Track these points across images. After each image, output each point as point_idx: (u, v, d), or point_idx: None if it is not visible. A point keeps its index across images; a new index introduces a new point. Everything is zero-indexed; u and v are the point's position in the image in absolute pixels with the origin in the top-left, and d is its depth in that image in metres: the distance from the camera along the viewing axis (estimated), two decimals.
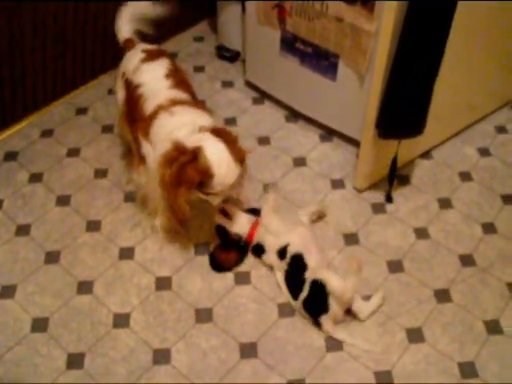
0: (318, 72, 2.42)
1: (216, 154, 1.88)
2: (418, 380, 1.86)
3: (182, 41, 3.19)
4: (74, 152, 2.59)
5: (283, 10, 2.35)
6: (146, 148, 2.04)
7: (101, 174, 2.50)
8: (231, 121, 2.71)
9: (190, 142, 1.89)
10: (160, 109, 2.02)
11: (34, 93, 2.69)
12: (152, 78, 2.15)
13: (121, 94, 2.29)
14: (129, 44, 2.36)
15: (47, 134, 2.68)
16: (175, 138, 1.91)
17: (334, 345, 1.94)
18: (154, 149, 2.00)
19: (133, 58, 2.25)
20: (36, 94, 2.70)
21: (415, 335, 1.97)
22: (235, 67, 3.02)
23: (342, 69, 2.31)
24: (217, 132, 1.94)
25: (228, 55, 3.03)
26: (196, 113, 2.05)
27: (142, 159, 2.09)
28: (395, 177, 2.31)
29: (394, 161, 2.24)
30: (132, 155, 2.26)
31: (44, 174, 2.50)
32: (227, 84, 2.93)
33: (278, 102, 2.77)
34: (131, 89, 2.18)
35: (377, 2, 2.00)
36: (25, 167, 2.53)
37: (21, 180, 2.48)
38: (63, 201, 2.39)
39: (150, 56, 2.24)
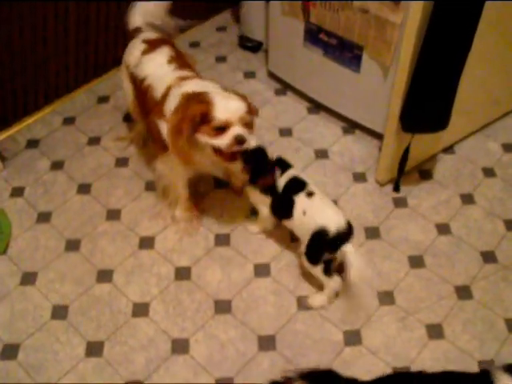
0: (341, 64, 2.39)
1: (216, 91, 1.93)
2: None
3: (205, 31, 3.18)
4: (94, 140, 2.60)
5: (308, 0, 2.32)
6: (165, 129, 2.00)
7: (122, 162, 2.51)
8: None
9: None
10: (170, 87, 2.01)
11: (56, 80, 2.70)
12: (155, 67, 2.13)
13: (126, 83, 2.29)
14: (136, 33, 2.32)
15: (69, 121, 2.69)
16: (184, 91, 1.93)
17: (352, 339, 1.94)
18: None
19: (134, 50, 2.23)
20: (58, 81, 2.71)
21: (435, 331, 1.95)
22: (258, 58, 3.00)
23: (366, 61, 2.29)
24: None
25: (251, 45, 3.01)
26: (206, 82, 2.05)
27: (165, 147, 2.07)
28: (405, 168, 2.28)
29: (406, 151, 2.22)
30: (152, 144, 2.25)
31: (65, 161, 2.51)
32: (249, 74, 2.92)
33: (300, 94, 2.75)
34: (138, 83, 2.17)
35: None
36: (46, 155, 2.54)
37: (42, 168, 2.49)
38: (84, 189, 2.40)
39: (151, 46, 2.21)
